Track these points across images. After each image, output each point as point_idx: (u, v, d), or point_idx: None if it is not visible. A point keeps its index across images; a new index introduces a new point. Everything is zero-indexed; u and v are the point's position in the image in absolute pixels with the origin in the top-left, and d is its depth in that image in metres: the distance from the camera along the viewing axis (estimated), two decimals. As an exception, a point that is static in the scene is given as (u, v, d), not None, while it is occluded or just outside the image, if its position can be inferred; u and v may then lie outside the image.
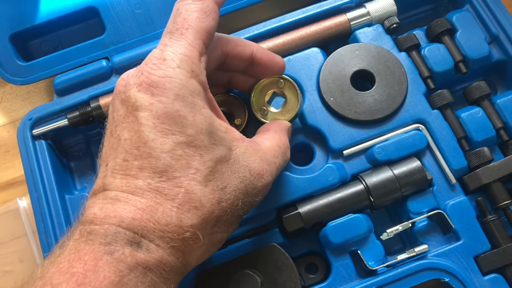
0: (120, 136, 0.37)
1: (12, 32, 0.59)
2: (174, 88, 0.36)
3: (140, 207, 0.35)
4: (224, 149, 0.38)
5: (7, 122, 0.65)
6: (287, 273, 0.47)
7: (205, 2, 0.40)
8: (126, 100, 0.37)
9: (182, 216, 0.35)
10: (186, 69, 0.37)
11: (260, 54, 0.47)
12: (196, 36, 0.39)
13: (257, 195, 0.41)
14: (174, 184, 0.35)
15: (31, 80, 0.59)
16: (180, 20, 0.39)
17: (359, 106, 0.53)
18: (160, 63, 0.37)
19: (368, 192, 0.50)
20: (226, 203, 0.38)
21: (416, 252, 0.49)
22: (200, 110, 0.37)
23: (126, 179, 0.36)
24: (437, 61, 0.56)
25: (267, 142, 0.43)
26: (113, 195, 0.35)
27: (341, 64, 0.55)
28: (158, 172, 0.35)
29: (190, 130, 0.36)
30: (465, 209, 0.50)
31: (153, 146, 0.35)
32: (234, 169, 0.38)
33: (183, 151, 0.36)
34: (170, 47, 0.38)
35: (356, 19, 0.58)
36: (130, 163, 0.36)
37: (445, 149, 0.52)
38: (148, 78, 0.36)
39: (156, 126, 0.36)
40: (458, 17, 0.57)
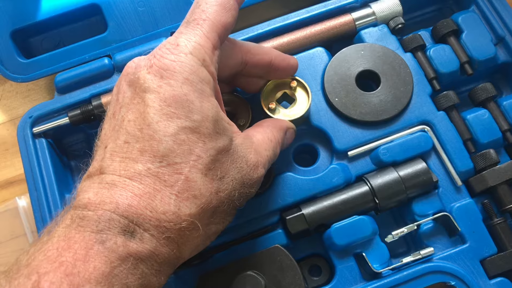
0: (124, 118, 0.36)
1: (13, 29, 0.59)
2: (184, 72, 0.36)
3: (138, 193, 0.34)
4: (227, 139, 0.38)
5: (7, 120, 0.64)
6: (291, 275, 0.46)
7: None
8: (134, 81, 0.37)
9: (180, 205, 0.34)
10: (198, 57, 0.37)
11: (278, 61, 0.48)
12: (212, 28, 0.39)
13: (252, 186, 0.41)
14: (174, 170, 0.35)
15: (32, 77, 0.58)
16: (199, 11, 0.39)
17: (364, 106, 0.53)
18: (173, 48, 0.37)
19: (373, 194, 0.50)
20: (224, 193, 0.37)
21: (422, 254, 0.48)
22: (208, 97, 0.37)
23: (125, 162, 0.35)
24: (443, 62, 0.55)
25: (258, 135, 0.43)
26: (110, 180, 0.34)
27: (346, 64, 0.55)
28: (159, 156, 0.35)
29: (196, 116, 0.36)
30: (471, 212, 0.50)
31: (156, 128, 0.35)
32: (233, 160, 0.38)
33: (187, 136, 0.35)
34: (185, 34, 0.38)
35: (361, 19, 0.58)
36: (131, 145, 0.35)
37: (450, 151, 0.52)
38: (159, 61, 0.36)
39: (162, 109, 0.35)
40: (464, 18, 0.57)
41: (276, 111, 0.51)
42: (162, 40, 0.58)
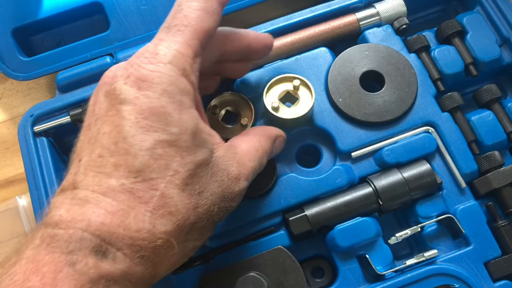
0: (100, 130, 0.35)
1: (15, 27, 0.58)
2: (163, 83, 0.34)
3: (111, 210, 0.32)
4: (207, 152, 0.37)
5: (7, 119, 0.64)
6: (294, 276, 0.46)
7: (208, 1, 0.38)
8: (111, 92, 0.35)
9: (155, 222, 0.33)
10: (178, 66, 0.35)
11: (256, 43, 0.46)
12: (194, 35, 0.37)
13: (233, 200, 0.39)
14: (150, 186, 0.33)
15: (33, 75, 0.58)
16: (181, 16, 0.37)
17: (368, 107, 0.53)
18: (152, 57, 0.35)
19: (377, 195, 0.49)
20: (202, 208, 0.36)
21: (426, 257, 0.48)
22: (187, 109, 0.36)
23: (99, 177, 0.33)
24: (447, 63, 0.55)
25: (243, 145, 0.42)
26: (83, 195, 0.33)
27: (350, 64, 0.54)
28: (134, 172, 0.33)
29: (174, 129, 0.34)
30: (475, 214, 0.49)
31: (132, 142, 0.33)
32: (213, 173, 0.37)
33: (164, 151, 0.34)
34: (165, 42, 0.36)
35: (365, 19, 0.57)
36: (106, 159, 0.34)
37: (455, 152, 0.51)
38: (137, 71, 0.35)
39: (139, 122, 0.34)
40: (469, 19, 0.57)
41: (279, 109, 0.51)
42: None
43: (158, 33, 0.37)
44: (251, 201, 0.51)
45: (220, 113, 0.54)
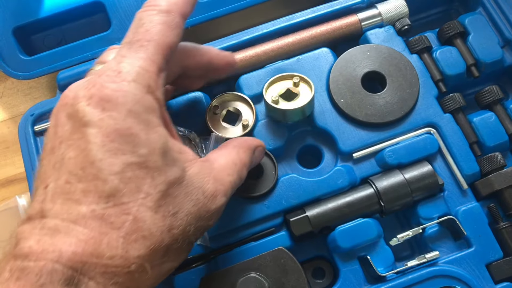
0: (64, 155, 0.33)
1: (15, 26, 0.58)
2: (128, 103, 0.33)
3: (82, 238, 0.31)
4: (178, 171, 0.35)
5: (8, 118, 0.64)
6: (295, 277, 0.46)
7: (170, 15, 0.37)
8: (73, 115, 0.33)
9: (128, 247, 0.32)
10: (142, 84, 0.34)
11: (217, 60, 0.46)
12: (157, 50, 0.36)
13: (210, 218, 0.38)
14: (122, 210, 0.32)
15: (34, 75, 0.58)
16: (142, 31, 0.36)
17: (370, 108, 0.52)
18: (115, 75, 0.34)
19: (379, 196, 0.49)
20: (177, 230, 0.35)
21: (427, 258, 0.47)
22: (154, 128, 0.35)
23: (68, 204, 0.32)
24: (449, 64, 0.55)
25: (221, 159, 0.41)
26: (53, 225, 0.31)
27: (352, 65, 0.54)
28: (105, 197, 0.32)
29: (142, 150, 0.33)
30: (477, 216, 0.49)
31: (100, 167, 0.32)
32: (187, 192, 0.36)
33: (133, 173, 0.33)
34: (128, 58, 0.35)
35: (367, 20, 0.57)
36: (74, 185, 0.32)
37: (456, 153, 0.51)
38: (99, 91, 0.33)
39: (105, 145, 0.32)
40: (471, 20, 0.57)
41: (279, 103, 0.51)
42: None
43: (119, 49, 0.36)
44: (252, 201, 0.50)
45: (221, 113, 0.53)
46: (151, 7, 0.37)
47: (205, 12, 0.59)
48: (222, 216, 0.49)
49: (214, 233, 0.49)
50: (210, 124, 0.53)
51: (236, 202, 0.50)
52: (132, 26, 0.37)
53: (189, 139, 0.52)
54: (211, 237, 0.50)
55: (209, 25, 0.60)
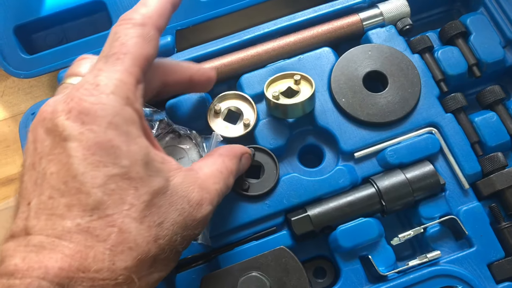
0: (46, 170, 0.33)
1: (16, 24, 0.58)
2: (107, 115, 0.33)
3: (68, 253, 0.31)
4: (162, 180, 0.35)
5: (8, 117, 0.64)
6: (296, 277, 0.46)
7: (146, 28, 0.37)
8: (52, 129, 0.33)
9: (115, 259, 0.32)
10: (121, 96, 0.34)
11: (198, 76, 0.47)
12: (134, 62, 0.36)
13: (196, 227, 0.38)
14: (107, 223, 0.32)
15: (35, 73, 0.58)
16: (118, 44, 0.36)
17: (372, 107, 0.52)
18: (93, 88, 0.34)
19: (380, 196, 0.49)
20: (164, 240, 0.35)
21: (429, 258, 0.47)
22: (135, 139, 0.34)
23: (52, 220, 0.32)
24: (451, 64, 0.55)
25: (206, 168, 0.41)
26: (37, 241, 0.31)
27: (354, 64, 0.54)
28: (89, 210, 0.32)
29: (124, 161, 0.33)
30: (478, 215, 0.49)
31: (83, 180, 0.32)
32: (172, 201, 0.36)
33: (117, 185, 0.33)
34: (105, 72, 0.35)
35: (368, 20, 0.57)
36: (57, 200, 0.32)
37: (458, 153, 0.51)
38: (78, 105, 0.33)
39: (87, 158, 0.32)
40: (472, 20, 0.57)
41: (280, 99, 0.51)
42: (168, 38, 0.57)
43: (96, 63, 0.36)
44: (253, 200, 0.50)
45: (222, 112, 0.53)
46: (126, 21, 0.38)
47: (206, 11, 0.58)
48: (223, 215, 0.50)
49: (215, 232, 0.49)
50: (211, 123, 0.53)
51: (237, 201, 0.50)
52: (108, 40, 0.37)
53: (190, 138, 0.52)
54: (212, 237, 0.49)
55: (211, 24, 0.60)
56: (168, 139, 0.51)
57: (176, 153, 0.51)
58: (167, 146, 0.51)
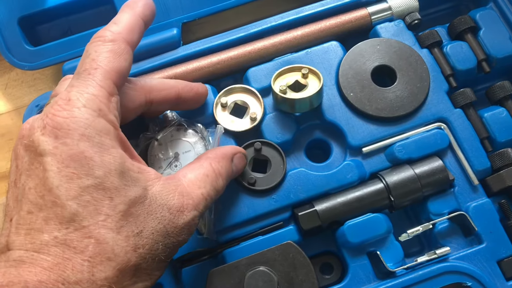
0: (25, 186, 0.34)
1: (21, 15, 0.57)
2: (79, 128, 0.34)
3: (47, 266, 0.31)
4: (139, 190, 0.35)
5: (11, 109, 0.63)
6: (304, 272, 0.45)
7: (116, 43, 0.38)
8: (29, 145, 0.35)
9: (94, 270, 0.32)
10: (93, 108, 0.35)
11: (186, 91, 0.47)
12: (105, 76, 0.37)
13: (180, 234, 0.37)
14: (83, 234, 0.32)
15: (39, 65, 0.57)
16: (89, 61, 0.37)
17: (380, 102, 0.52)
18: (65, 103, 0.35)
19: (388, 191, 0.48)
20: (144, 249, 0.35)
21: (438, 254, 0.47)
22: (108, 149, 0.35)
23: (31, 234, 0.32)
24: (460, 59, 0.54)
25: (190, 174, 0.40)
26: (17, 256, 0.32)
27: (362, 58, 0.54)
28: (65, 223, 0.32)
29: (97, 172, 0.34)
30: (488, 211, 0.49)
31: (57, 193, 0.33)
32: (150, 210, 0.36)
33: (91, 196, 0.33)
34: (77, 87, 0.36)
35: (377, 14, 0.56)
36: (35, 215, 0.33)
37: (467, 149, 0.51)
38: (52, 120, 0.34)
39: (61, 171, 0.33)
40: (482, 15, 0.56)
41: (287, 93, 0.51)
42: (174, 31, 0.57)
43: (70, 81, 0.37)
44: (260, 195, 0.50)
45: (229, 106, 0.53)
46: (96, 39, 0.39)
47: (213, 4, 0.58)
48: (230, 210, 0.49)
49: (221, 227, 0.49)
50: (218, 117, 0.52)
51: (244, 195, 0.50)
52: (81, 59, 0.38)
53: (196, 132, 0.51)
54: (218, 231, 0.49)
55: (217, 18, 0.60)
56: (175, 132, 0.50)
57: (182, 146, 0.50)
58: (173, 140, 0.50)
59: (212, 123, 0.53)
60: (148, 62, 0.55)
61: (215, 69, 0.55)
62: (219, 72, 0.55)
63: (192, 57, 0.56)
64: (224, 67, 0.55)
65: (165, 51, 0.56)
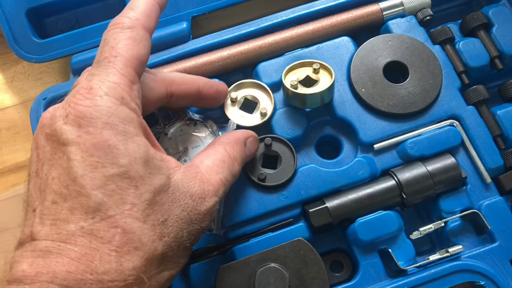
0: (48, 176, 0.33)
1: (29, 7, 0.57)
2: (102, 116, 0.33)
3: (75, 256, 0.31)
4: (163, 178, 0.35)
5: (18, 103, 0.62)
6: (315, 269, 0.44)
7: (135, 30, 0.38)
8: (52, 135, 0.34)
9: (121, 260, 0.32)
10: (115, 96, 0.34)
11: (207, 88, 0.46)
12: (125, 63, 0.36)
13: (203, 220, 0.37)
14: (109, 224, 0.32)
15: (46, 58, 0.56)
16: (108, 49, 0.37)
17: (392, 98, 0.51)
18: (87, 92, 0.34)
19: (400, 189, 0.48)
20: (169, 237, 0.35)
21: (450, 252, 0.46)
22: (132, 137, 0.34)
23: (57, 224, 0.32)
24: (473, 56, 0.53)
25: (207, 160, 0.40)
26: (43, 246, 0.31)
27: (374, 54, 0.53)
28: (91, 212, 0.32)
29: (122, 160, 0.33)
30: (501, 210, 0.48)
31: (82, 183, 0.32)
32: (174, 198, 0.36)
33: (116, 185, 0.33)
34: (98, 76, 0.35)
35: (389, 9, 0.56)
36: (60, 205, 0.32)
37: (480, 146, 0.50)
38: (74, 109, 0.34)
39: (85, 160, 0.32)
40: (495, 12, 0.55)
41: (298, 89, 0.50)
42: (183, 24, 0.56)
43: (90, 70, 0.37)
44: (270, 191, 0.49)
45: (239, 101, 0.52)
46: (114, 26, 0.38)
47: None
48: (239, 206, 0.49)
49: (231, 223, 0.48)
50: (227, 111, 0.52)
51: (254, 191, 0.49)
52: (99, 47, 0.38)
53: (206, 127, 0.50)
54: (228, 227, 0.48)
55: (228, 11, 0.59)
56: (184, 127, 0.50)
57: (191, 141, 0.50)
58: (183, 134, 0.50)
59: (221, 118, 0.52)
60: (157, 56, 0.55)
61: (225, 64, 0.54)
62: (229, 67, 0.54)
63: (202, 51, 0.55)
64: (234, 62, 0.54)
65: (175, 45, 0.56)
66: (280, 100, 0.53)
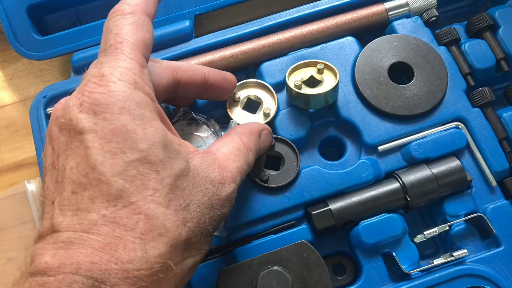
0: (65, 166, 0.32)
1: (30, 4, 0.56)
2: (118, 101, 0.33)
3: (98, 246, 0.30)
4: (183, 162, 0.35)
5: (17, 101, 0.61)
6: (318, 273, 0.44)
7: (136, 15, 0.37)
8: (66, 124, 0.33)
9: (146, 247, 0.31)
10: (129, 81, 0.34)
11: (213, 75, 0.46)
12: (133, 48, 0.35)
13: (223, 206, 0.37)
14: (132, 210, 0.31)
15: (47, 55, 0.56)
16: (112, 36, 0.36)
17: (397, 99, 0.50)
18: (99, 80, 0.33)
19: (405, 191, 0.47)
20: (192, 222, 0.34)
21: (455, 256, 0.46)
22: (150, 122, 0.34)
23: (78, 215, 0.31)
24: (478, 58, 0.53)
25: (223, 148, 0.40)
26: (65, 238, 0.31)
27: (378, 55, 0.52)
28: (112, 200, 0.31)
29: (141, 145, 0.32)
30: (506, 214, 0.47)
31: (102, 170, 0.31)
32: (195, 183, 0.35)
33: (137, 170, 0.32)
34: (107, 63, 0.34)
35: (394, 10, 0.55)
36: (80, 194, 0.31)
37: (485, 149, 0.50)
38: (88, 97, 0.33)
39: (104, 147, 0.32)
40: (501, 13, 0.55)
41: (301, 89, 0.49)
42: (186, 22, 0.55)
43: (97, 59, 0.36)
44: (273, 192, 0.48)
45: (242, 101, 0.52)
46: (114, 14, 0.38)
47: (227, -4, 0.56)
48: (241, 207, 0.48)
49: (233, 224, 0.48)
50: (230, 111, 0.51)
51: (256, 193, 0.48)
52: (102, 36, 0.37)
53: (208, 126, 0.50)
54: (229, 229, 0.48)
55: (231, 10, 0.59)
56: (186, 126, 0.49)
57: (193, 141, 0.49)
58: (185, 134, 0.49)
59: (224, 118, 0.51)
60: (160, 54, 0.54)
61: (228, 63, 0.53)
62: (232, 66, 0.54)
63: (204, 50, 0.54)
64: (237, 61, 0.53)
65: (177, 43, 0.55)
66: (283, 100, 0.52)
